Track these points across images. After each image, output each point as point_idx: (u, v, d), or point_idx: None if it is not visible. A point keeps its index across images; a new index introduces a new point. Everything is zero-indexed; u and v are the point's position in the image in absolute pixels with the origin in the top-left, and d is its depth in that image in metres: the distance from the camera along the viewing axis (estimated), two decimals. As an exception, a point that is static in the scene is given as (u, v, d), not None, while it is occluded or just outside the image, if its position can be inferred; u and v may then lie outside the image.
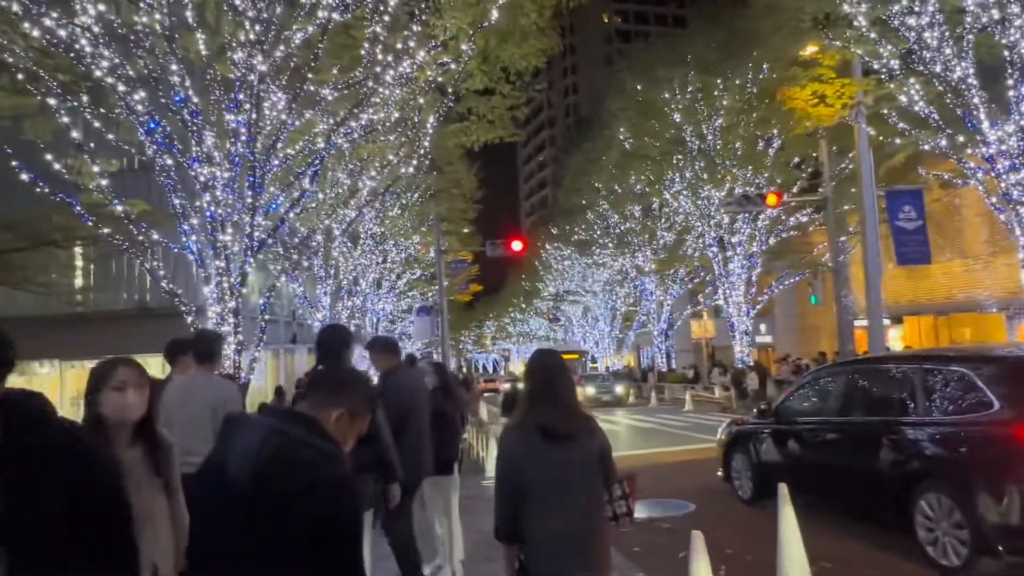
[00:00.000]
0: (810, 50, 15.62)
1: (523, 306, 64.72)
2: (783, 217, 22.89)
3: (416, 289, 33.58)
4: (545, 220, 49.39)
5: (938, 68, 12.30)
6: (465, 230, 29.97)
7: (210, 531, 1.72)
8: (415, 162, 11.60)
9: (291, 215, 11.00)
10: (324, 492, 1.63)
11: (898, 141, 15.09)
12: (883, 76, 13.63)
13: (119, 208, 10.71)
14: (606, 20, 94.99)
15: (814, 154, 21.49)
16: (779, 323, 36.39)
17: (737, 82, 20.73)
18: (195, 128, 10.17)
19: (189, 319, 10.53)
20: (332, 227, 20.69)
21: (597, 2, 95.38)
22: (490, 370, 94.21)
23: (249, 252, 10.31)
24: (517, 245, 21.26)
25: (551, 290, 50.16)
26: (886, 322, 29.81)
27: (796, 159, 22.03)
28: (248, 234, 10.21)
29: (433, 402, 5.39)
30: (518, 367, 77.27)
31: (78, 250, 18.81)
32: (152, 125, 10.15)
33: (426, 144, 11.52)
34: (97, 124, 10.76)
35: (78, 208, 10.21)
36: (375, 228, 22.20)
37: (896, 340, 28.80)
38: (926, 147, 14.41)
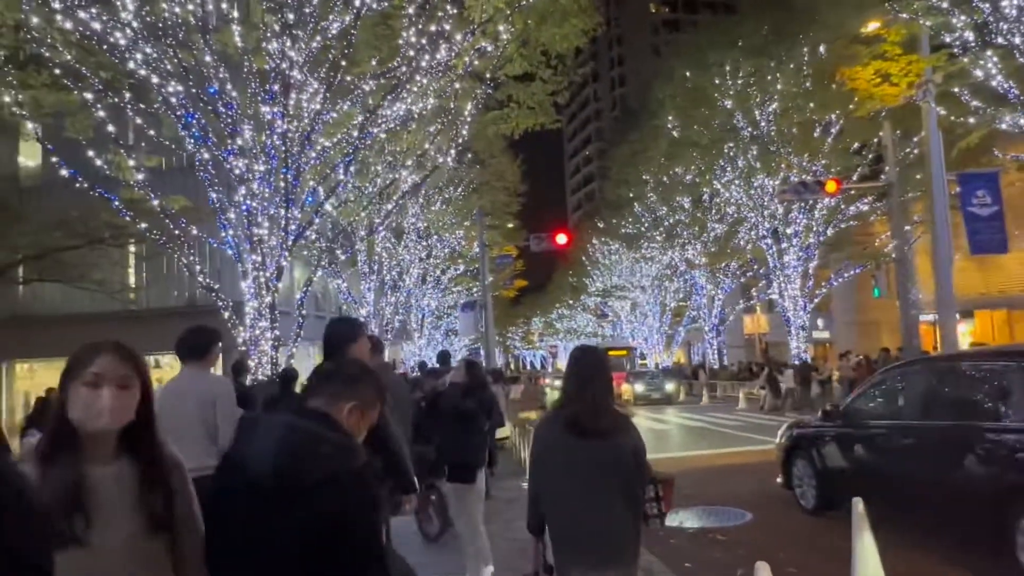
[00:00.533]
0: (872, 26, 14.63)
1: (570, 302, 63.98)
2: (842, 206, 21.75)
3: (461, 285, 33.35)
4: (591, 214, 48.61)
5: (1018, 40, 11.31)
6: (510, 225, 29.55)
7: (231, 531, 1.71)
8: (453, 151, 11.17)
9: (328, 207, 10.75)
10: (345, 484, 1.66)
11: (972, 120, 14.02)
12: (957, 50, 12.64)
13: (156, 203, 10.68)
14: (653, 10, 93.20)
15: (876, 139, 20.34)
16: (837, 318, 34.90)
17: (791, 65, 19.72)
18: (230, 120, 10.01)
19: (226, 315, 10.40)
20: (374, 221, 20.62)
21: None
22: (537, 366, 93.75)
23: (284, 246, 10.10)
24: (562, 239, 20.68)
25: (598, 285, 49.34)
26: (955, 316, 28.29)
27: (856, 145, 20.88)
28: (284, 227, 10.00)
29: (451, 400, 5.02)
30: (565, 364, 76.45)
31: (132, 249, 19.20)
32: (188, 118, 10.03)
33: (464, 132, 11.11)
34: (139, 121, 10.73)
35: (116, 203, 10.18)
36: (418, 223, 21.97)
37: (965, 335, 27.21)
38: (1004, 126, 13.32)
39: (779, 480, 7.36)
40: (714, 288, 32.21)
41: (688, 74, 22.20)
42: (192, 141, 10.17)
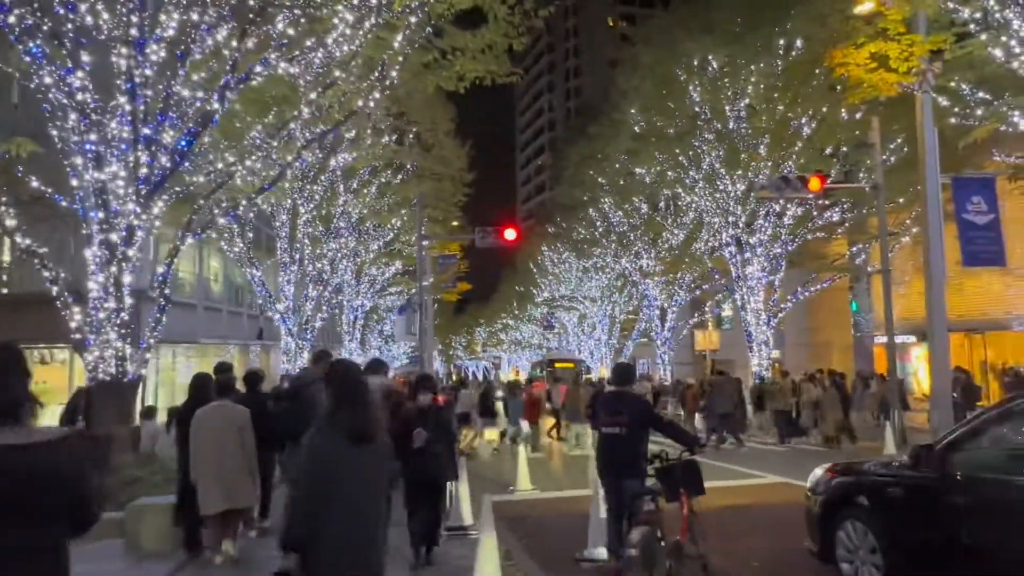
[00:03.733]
0: (866, 7, 12.95)
1: (516, 312, 61.90)
2: (814, 213, 20.22)
3: (399, 285, 30.74)
4: (542, 219, 46.65)
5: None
6: (455, 223, 27.23)
7: None
8: (377, 95, 8.75)
9: (196, 149, 8.18)
10: None
11: (979, 112, 12.49)
12: (975, 28, 11.04)
13: None
14: (612, 23, 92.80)
15: (845, 144, 18.94)
16: (788, 338, 33.81)
17: (769, 52, 18.09)
18: (69, 27, 7.38)
19: (55, 292, 7.69)
20: (294, 201, 17.94)
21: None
22: (479, 377, 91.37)
23: (137, 198, 7.50)
24: (511, 234, 18.47)
25: (546, 295, 47.39)
26: (910, 339, 27.36)
27: (829, 149, 19.41)
28: (134, 172, 7.41)
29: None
30: (509, 375, 74.45)
31: None
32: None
33: (394, 75, 8.71)
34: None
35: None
36: (349, 208, 19.39)
37: (921, 360, 26.29)
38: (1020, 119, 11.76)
39: (809, 546, 5.19)
40: (667, 300, 30.52)
41: (654, 62, 20.35)
42: (29, 58, 7.50)
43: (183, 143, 7.70)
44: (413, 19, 8.36)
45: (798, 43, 17.86)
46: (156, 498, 6.62)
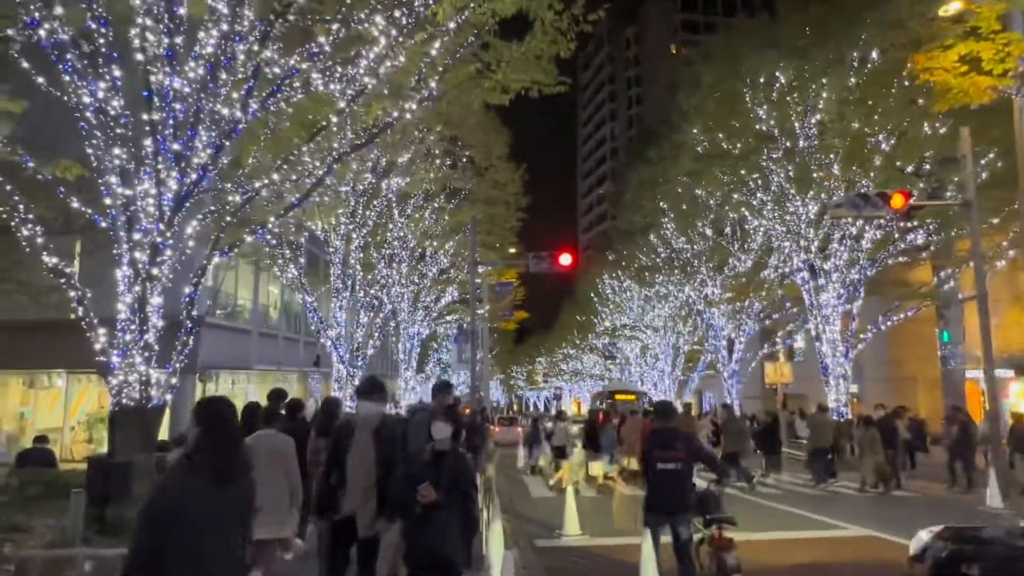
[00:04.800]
0: (954, 6, 11.82)
1: (577, 342, 60.72)
2: (895, 235, 18.71)
3: (456, 313, 30.35)
4: (603, 248, 45.70)
5: None
6: (511, 249, 26.74)
7: None
8: (414, 105, 8.26)
9: (224, 163, 7.85)
10: None
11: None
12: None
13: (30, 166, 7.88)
14: (675, 51, 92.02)
15: (928, 160, 17.47)
16: (867, 371, 31.59)
17: (839, 68, 16.96)
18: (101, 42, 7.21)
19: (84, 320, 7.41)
20: (346, 225, 17.76)
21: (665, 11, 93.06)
22: (541, 408, 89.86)
23: (161, 213, 7.18)
24: (566, 259, 17.74)
25: (607, 324, 46.21)
26: (1008, 373, 24.94)
27: (910, 168, 17.97)
28: (160, 190, 7.11)
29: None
30: (571, 406, 72.94)
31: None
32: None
33: (433, 85, 8.23)
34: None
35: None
36: (403, 232, 19.11)
37: (1021, 396, 23.94)
38: None
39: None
40: (734, 330, 28.99)
41: (716, 82, 19.48)
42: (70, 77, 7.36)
43: (208, 157, 7.39)
44: (452, 24, 7.88)
45: (873, 54, 16.71)
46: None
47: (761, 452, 17.46)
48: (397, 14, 8.08)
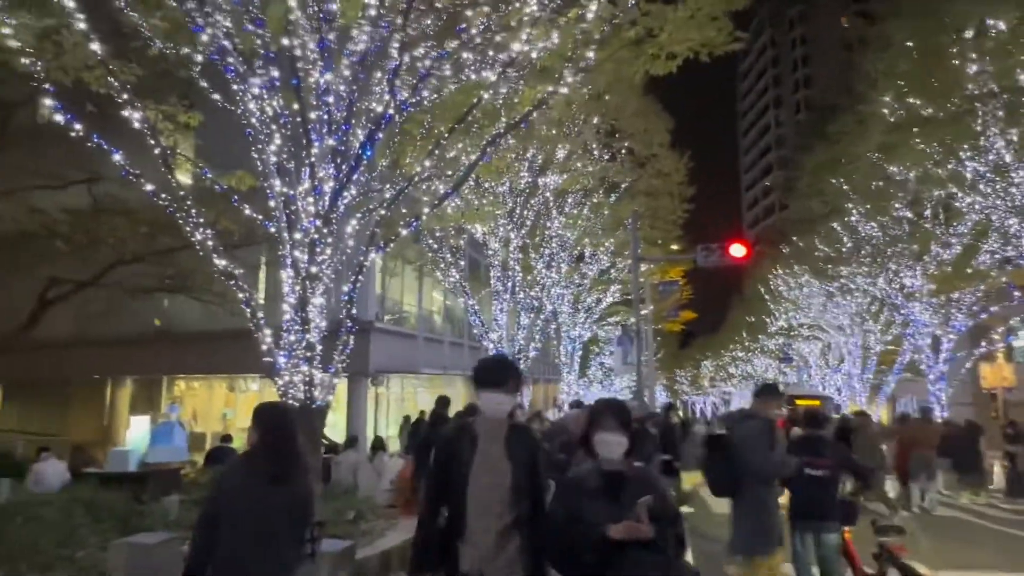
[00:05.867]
0: None
1: (747, 344, 56.97)
2: None
3: (618, 314, 29.28)
4: (772, 243, 42.37)
5: None
6: (674, 247, 25.23)
7: None
8: (569, 78, 7.53)
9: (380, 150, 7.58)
10: None
11: None
12: None
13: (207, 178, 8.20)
14: (846, 23, 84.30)
15: None
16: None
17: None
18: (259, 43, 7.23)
19: (251, 321, 7.47)
20: (503, 226, 17.47)
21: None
22: (708, 413, 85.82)
23: (319, 209, 7.03)
24: (738, 250, 16.23)
25: (781, 324, 42.68)
26: None
27: None
28: (315, 184, 6.95)
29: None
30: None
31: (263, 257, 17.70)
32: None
33: (590, 54, 7.46)
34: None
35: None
36: (560, 229, 18.53)
37: None
38: None
39: None
40: (942, 327, 25.23)
41: (910, 36, 16.82)
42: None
43: (365, 150, 7.16)
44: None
45: None
46: (329, 542, 5.83)
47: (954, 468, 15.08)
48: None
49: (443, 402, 9.26)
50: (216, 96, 7.91)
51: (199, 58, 7.94)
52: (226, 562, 2.88)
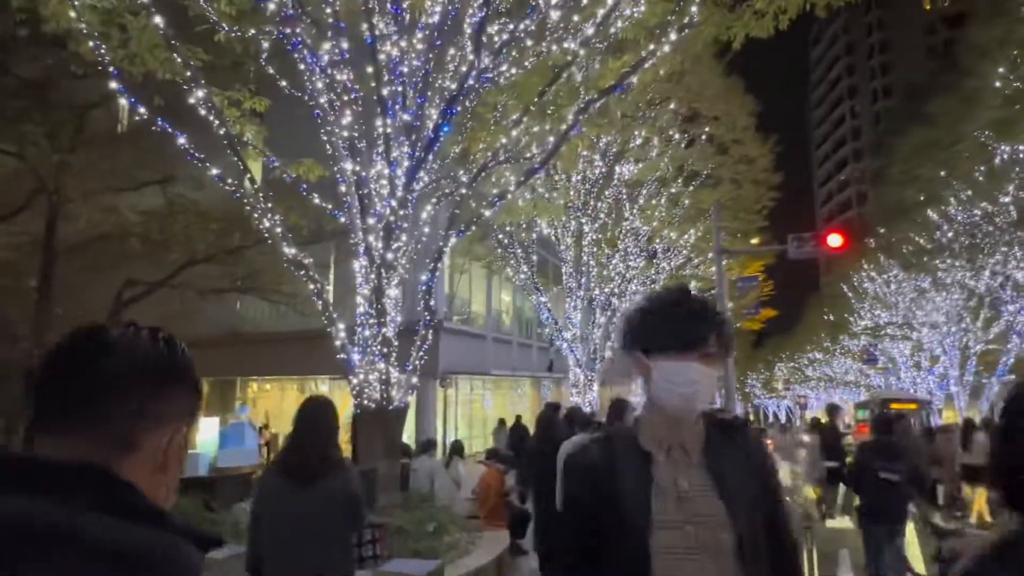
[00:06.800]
0: None
1: (826, 344, 54.09)
2: None
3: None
4: (854, 234, 39.87)
5: None
6: (754, 240, 23.76)
7: None
8: (672, 37, 6.67)
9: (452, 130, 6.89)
10: None
11: None
12: None
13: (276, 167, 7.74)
14: (927, 6, 79.81)
15: None
16: None
17: None
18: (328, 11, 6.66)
19: (323, 315, 6.91)
20: (580, 222, 16.66)
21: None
22: (782, 419, 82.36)
23: (393, 190, 6.39)
24: (835, 239, 14.86)
25: (866, 323, 40.16)
26: None
27: None
28: (390, 161, 6.31)
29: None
30: (821, 416, 65.54)
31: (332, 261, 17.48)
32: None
33: (693, 9, 6.59)
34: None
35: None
36: (636, 222, 17.56)
37: None
38: None
39: None
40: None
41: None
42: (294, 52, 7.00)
43: (442, 126, 6.49)
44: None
45: None
46: (413, 563, 5.14)
47: None
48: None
49: (553, 406, 7.94)
50: (283, 83, 7.44)
51: (265, 44, 7.48)
52: (272, 562, 2.89)
